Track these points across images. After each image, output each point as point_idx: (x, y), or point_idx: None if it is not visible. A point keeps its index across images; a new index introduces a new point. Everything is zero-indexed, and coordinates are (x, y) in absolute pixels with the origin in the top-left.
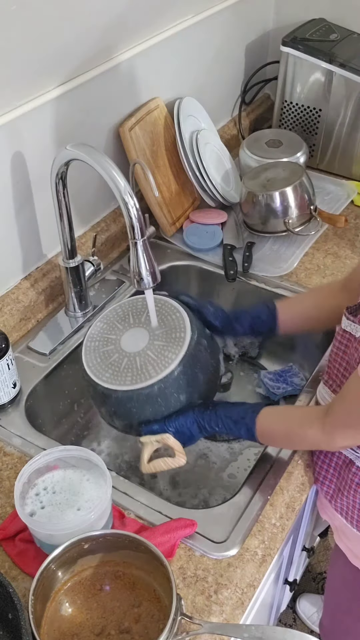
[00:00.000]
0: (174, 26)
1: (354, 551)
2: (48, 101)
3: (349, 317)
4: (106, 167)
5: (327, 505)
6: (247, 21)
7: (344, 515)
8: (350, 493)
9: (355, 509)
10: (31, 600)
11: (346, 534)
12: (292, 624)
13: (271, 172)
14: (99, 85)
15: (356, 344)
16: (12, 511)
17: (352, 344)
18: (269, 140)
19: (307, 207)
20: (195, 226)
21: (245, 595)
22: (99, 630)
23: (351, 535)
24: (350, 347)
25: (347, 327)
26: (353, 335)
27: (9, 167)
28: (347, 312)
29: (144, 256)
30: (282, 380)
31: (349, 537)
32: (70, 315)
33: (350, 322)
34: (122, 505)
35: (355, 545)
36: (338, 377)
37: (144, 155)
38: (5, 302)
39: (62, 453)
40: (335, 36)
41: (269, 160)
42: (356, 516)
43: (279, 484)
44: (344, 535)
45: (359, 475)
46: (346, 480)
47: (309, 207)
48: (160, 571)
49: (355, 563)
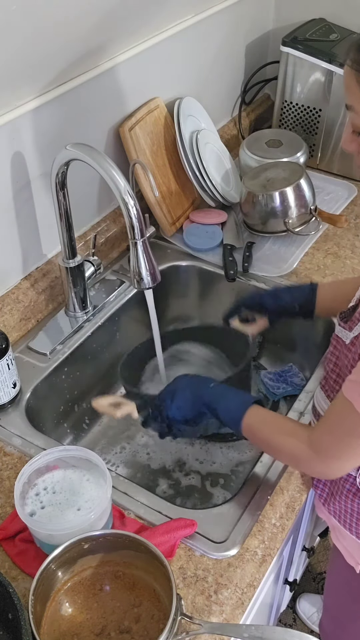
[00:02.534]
0: (174, 26)
1: (350, 550)
2: (48, 101)
3: (340, 322)
4: (106, 167)
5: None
6: (247, 21)
7: (336, 518)
8: (342, 498)
9: (348, 513)
10: (31, 600)
11: (342, 533)
12: (292, 624)
13: (271, 172)
14: (99, 86)
15: (346, 351)
16: (12, 511)
17: (343, 350)
18: (269, 140)
19: (307, 207)
20: (195, 226)
21: (245, 595)
22: (99, 630)
23: (346, 535)
24: (341, 353)
25: (339, 332)
26: (344, 341)
27: (9, 167)
28: (339, 318)
29: (144, 256)
30: (282, 380)
31: (345, 537)
32: (70, 315)
33: (342, 328)
34: (122, 505)
35: (351, 545)
36: (331, 383)
37: (144, 156)
38: (5, 302)
39: (62, 453)
40: (335, 36)
41: (269, 160)
42: (349, 520)
43: (279, 484)
44: (340, 534)
45: (349, 482)
46: (338, 486)
47: (309, 207)
48: (160, 571)
49: (351, 562)
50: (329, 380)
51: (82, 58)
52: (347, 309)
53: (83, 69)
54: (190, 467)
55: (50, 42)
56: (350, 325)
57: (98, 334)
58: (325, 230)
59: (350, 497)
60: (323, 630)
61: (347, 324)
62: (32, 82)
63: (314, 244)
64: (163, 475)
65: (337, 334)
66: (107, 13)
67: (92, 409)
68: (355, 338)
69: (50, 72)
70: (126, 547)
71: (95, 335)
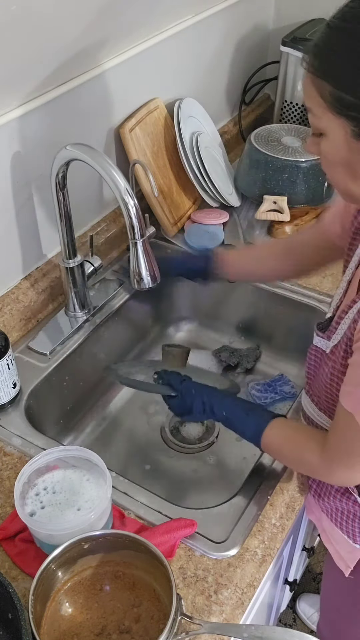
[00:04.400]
0: (174, 26)
1: (340, 552)
2: (48, 101)
3: (318, 333)
4: (106, 167)
5: (314, 506)
6: (247, 21)
7: (328, 516)
8: (331, 498)
9: (339, 511)
10: (31, 600)
11: (333, 535)
12: (292, 624)
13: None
14: (99, 86)
15: (326, 359)
16: (12, 511)
17: (323, 359)
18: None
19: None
20: (196, 226)
21: (245, 595)
22: (99, 630)
23: (337, 537)
24: (322, 363)
25: (318, 342)
26: (324, 351)
27: (9, 167)
28: (317, 329)
29: (144, 256)
30: (271, 389)
31: (336, 539)
32: (70, 315)
33: (320, 337)
34: (122, 505)
35: (341, 546)
36: (316, 392)
37: (145, 156)
38: (5, 302)
39: (62, 453)
40: None
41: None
42: (339, 518)
43: (279, 484)
44: (331, 537)
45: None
46: (327, 486)
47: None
48: (160, 571)
49: (340, 565)
50: (312, 386)
51: (81, 58)
52: (324, 320)
53: (83, 69)
54: (191, 466)
55: (50, 43)
56: (329, 335)
57: (98, 334)
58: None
59: (338, 497)
60: (320, 633)
61: (325, 333)
62: (32, 82)
63: None
64: (163, 475)
65: (315, 344)
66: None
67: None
68: (335, 347)
69: (50, 72)
70: (126, 547)
71: (95, 335)
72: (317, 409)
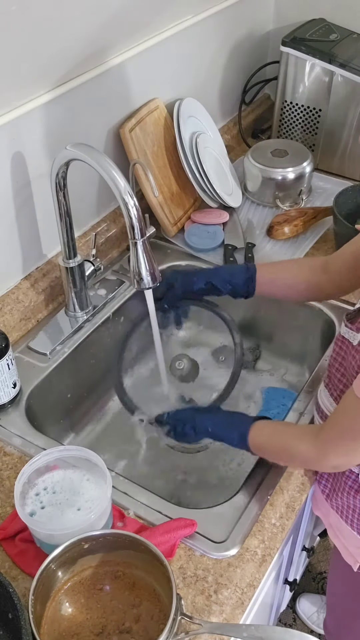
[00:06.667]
0: (174, 26)
1: (349, 548)
2: (48, 101)
3: (347, 323)
4: (106, 167)
5: (322, 502)
6: (247, 21)
7: (338, 514)
8: (344, 495)
9: (350, 509)
10: (31, 600)
11: (341, 531)
12: (292, 624)
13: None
14: (99, 86)
15: (353, 352)
16: (12, 511)
17: (350, 351)
18: (274, 150)
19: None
20: (196, 226)
21: (245, 595)
22: (99, 630)
23: (346, 533)
24: (348, 354)
25: (345, 333)
26: (350, 342)
27: (9, 167)
28: (345, 319)
29: (144, 256)
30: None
31: (344, 535)
32: (70, 315)
33: (348, 329)
34: (122, 505)
35: (350, 542)
36: (335, 383)
37: (145, 156)
38: (5, 302)
39: (62, 453)
40: (335, 36)
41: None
42: (350, 516)
43: (278, 483)
44: (339, 532)
45: (352, 479)
46: (340, 482)
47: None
48: (160, 571)
49: (348, 560)
50: (333, 379)
51: (82, 59)
52: (353, 310)
53: (83, 69)
54: (191, 466)
55: (49, 43)
56: (358, 327)
57: (98, 334)
58: (326, 231)
59: (352, 493)
60: (327, 630)
61: (354, 324)
62: (32, 82)
63: (315, 244)
64: (163, 474)
65: (343, 334)
66: (107, 13)
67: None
68: None
69: (50, 72)
70: (126, 547)
71: (95, 335)
72: (335, 404)
